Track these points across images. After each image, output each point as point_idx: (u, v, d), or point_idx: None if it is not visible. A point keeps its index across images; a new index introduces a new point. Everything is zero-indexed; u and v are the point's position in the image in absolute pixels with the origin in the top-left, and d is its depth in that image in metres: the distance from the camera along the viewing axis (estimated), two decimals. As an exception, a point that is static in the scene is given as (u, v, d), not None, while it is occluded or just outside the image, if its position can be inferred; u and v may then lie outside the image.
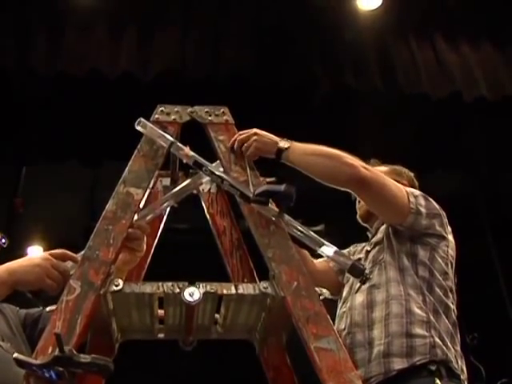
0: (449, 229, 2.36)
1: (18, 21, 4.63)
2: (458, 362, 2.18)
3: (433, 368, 2.09)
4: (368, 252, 2.39)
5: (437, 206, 2.33)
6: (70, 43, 4.59)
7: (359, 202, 2.54)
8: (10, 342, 2.12)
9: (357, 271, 1.89)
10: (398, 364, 2.09)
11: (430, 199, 2.33)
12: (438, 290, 2.24)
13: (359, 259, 2.41)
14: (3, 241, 2.29)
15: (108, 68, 4.52)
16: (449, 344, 2.16)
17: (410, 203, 2.24)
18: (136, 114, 2.17)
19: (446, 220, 2.34)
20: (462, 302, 2.36)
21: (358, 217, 2.57)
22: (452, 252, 2.35)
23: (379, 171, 2.32)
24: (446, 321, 2.21)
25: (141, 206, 1.95)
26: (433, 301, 2.21)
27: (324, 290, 2.45)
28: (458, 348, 2.22)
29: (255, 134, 2.14)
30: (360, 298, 2.27)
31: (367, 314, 2.22)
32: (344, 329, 2.26)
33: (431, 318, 2.18)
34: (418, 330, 2.14)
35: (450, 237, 2.36)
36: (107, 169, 5.66)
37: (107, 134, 5.02)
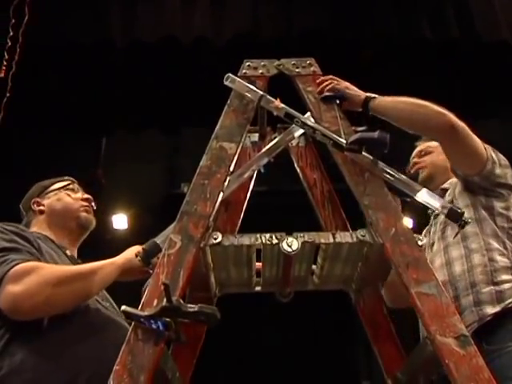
0: None
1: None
2: None
3: None
4: (437, 215, 2.38)
5: (505, 158, 2.31)
6: (144, 11, 4.63)
7: (415, 171, 2.53)
8: (108, 301, 2.20)
9: (455, 215, 1.86)
10: (491, 309, 2.09)
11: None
12: None
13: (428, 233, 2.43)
14: (93, 203, 2.39)
15: (182, 34, 4.54)
16: None
17: (486, 152, 2.22)
18: (211, 78, 2.17)
19: None
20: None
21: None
22: None
23: None
24: None
25: (234, 160, 1.96)
26: None
27: (420, 237, 2.43)
28: None
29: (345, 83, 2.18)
30: (438, 260, 2.28)
31: (447, 271, 2.22)
32: None
33: None
34: (504, 277, 2.14)
35: None
36: (185, 136, 5.73)
37: (184, 100, 5.06)
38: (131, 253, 2.09)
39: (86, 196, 2.41)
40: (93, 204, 2.40)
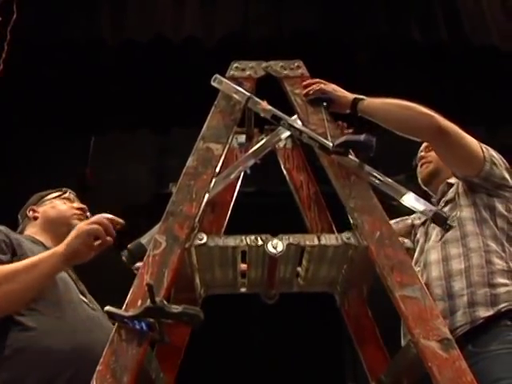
0: None
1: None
2: None
3: None
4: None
5: (504, 160, 2.31)
6: (134, 10, 4.61)
7: (421, 165, 2.53)
8: (95, 304, 2.20)
9: (440, 219, 1.87)
10: (484, 312, 2.07)
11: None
12: None
13: (424, 222, 2.42)
14: (88, 214, 2.40)
15: (172, 33, 4.53)
16: None
17: (483, 153, 2.21)
18: (202, 78, 2.18)
19: None
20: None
21: (420, 180, 2.53)
22: None
23: None
24: None
25: (221, 161, 1.96)
26: None
27: (406, 240, 2.43)
28: None
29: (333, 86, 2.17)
30: (434, 254, 2.26)
31: (443, 267, 2.20)
32: None
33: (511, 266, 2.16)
34: (500, 280, 2.12)
35: None
36: (174, 136, 5.71)
37: (173, 100, 5.04)
38: (72, 237, 1.96)
39: (81, 206, 2.44)
40: (88, 214, 2.40)
